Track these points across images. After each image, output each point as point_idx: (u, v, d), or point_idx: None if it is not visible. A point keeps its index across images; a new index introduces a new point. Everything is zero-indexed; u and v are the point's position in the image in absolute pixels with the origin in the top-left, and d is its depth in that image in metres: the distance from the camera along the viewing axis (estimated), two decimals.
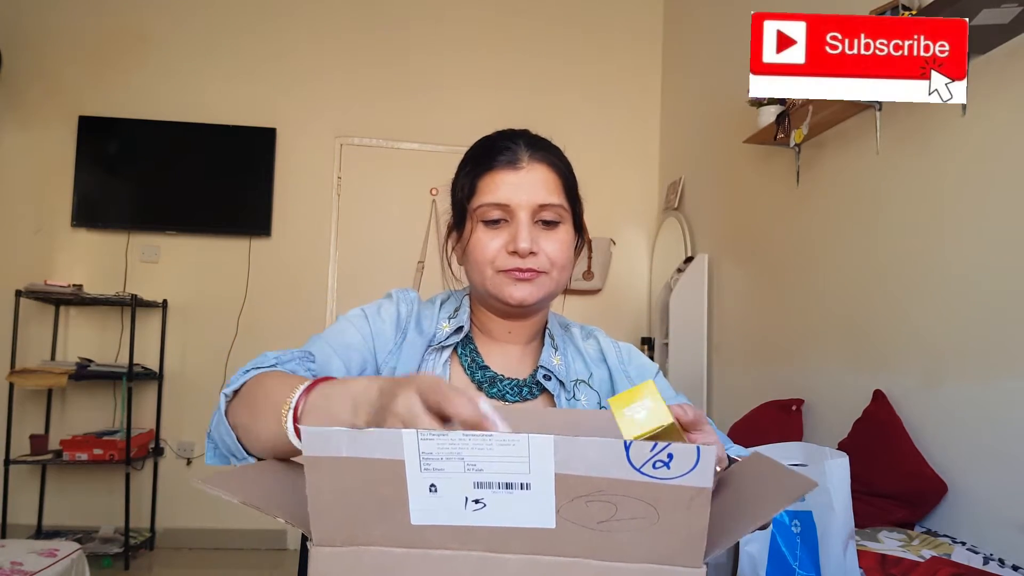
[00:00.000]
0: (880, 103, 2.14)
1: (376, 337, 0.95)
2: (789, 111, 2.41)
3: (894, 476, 1.82)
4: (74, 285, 3.46)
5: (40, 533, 3.51)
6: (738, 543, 0.71)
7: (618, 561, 0.47)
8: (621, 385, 0.99)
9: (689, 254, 3.53)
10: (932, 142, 1.94)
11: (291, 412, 0.65)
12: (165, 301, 3.71)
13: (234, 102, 3.86)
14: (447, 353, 0.96)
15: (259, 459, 0.74)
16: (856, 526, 1.39)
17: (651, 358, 3.71)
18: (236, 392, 0.76)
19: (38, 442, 3.45)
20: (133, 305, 3.46)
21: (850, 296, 2.28)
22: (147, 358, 3.68)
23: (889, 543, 1.57)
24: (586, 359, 1.01)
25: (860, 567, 1.15)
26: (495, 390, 0.95)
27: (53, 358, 3.60)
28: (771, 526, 0.72)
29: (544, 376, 0.95)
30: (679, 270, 3.47)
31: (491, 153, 0.92)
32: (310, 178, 3.90)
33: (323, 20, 3.98)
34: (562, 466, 0.44)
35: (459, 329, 0.97)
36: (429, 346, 0.96)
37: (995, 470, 1.66)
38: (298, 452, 0.66)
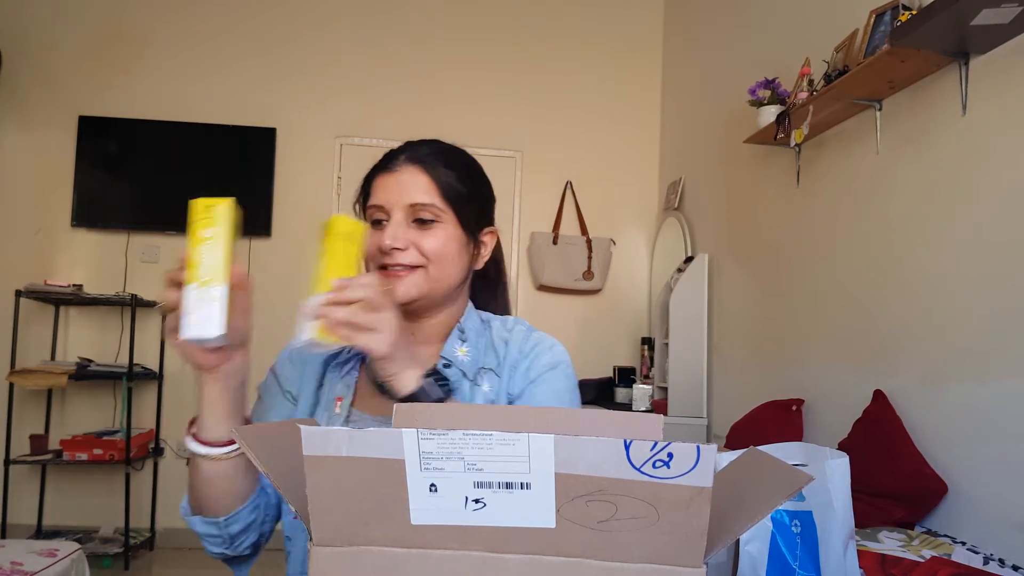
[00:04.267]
0: (880, 103, 2.14)
1: (282, 380, 1.01)
2: (789, 111, 2.41)
3: (894, 476, 1.82)
4: (74, 285, 3.46)
5: (40, 533, 3.51)
6: (738, 542, 0.71)
7: (618, 561, 0.47)
8: (504, 373, 0.97)
9: (689, 254, 3.53)
10: (932, 142, 1.94)
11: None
12: None
13: (234, 102, 3.86)
14: (349, 365, 0.99)
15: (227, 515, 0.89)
16: (856, 526, 1.39)
17: (651, 359, 3.73)
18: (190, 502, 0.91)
19: (38, 442, 3.45)
20: (133, 305, 3.46)
21: (850, 296, 2.28)
22: (147, 358, 3.68)
23: (889, 543, 1.57)
24: (497, 350, 1.00)
25: (860, 567, 1.15)
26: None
27: (53, 358, 3.61)
28: (770, 524, 0.72)
29: (444, 365, 0.96)
30: (679, 270, 3.47)
31: (379, 161, 1.00)
32: (310, 178, 3.90)
33: (323, 21, 3.99)
34: (562, 465, 0.44)
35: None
36: (330, 362, 0.99)
37: (995, 470, 1.66)
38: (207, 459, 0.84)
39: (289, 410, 0.99)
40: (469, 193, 0.99)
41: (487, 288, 1.09)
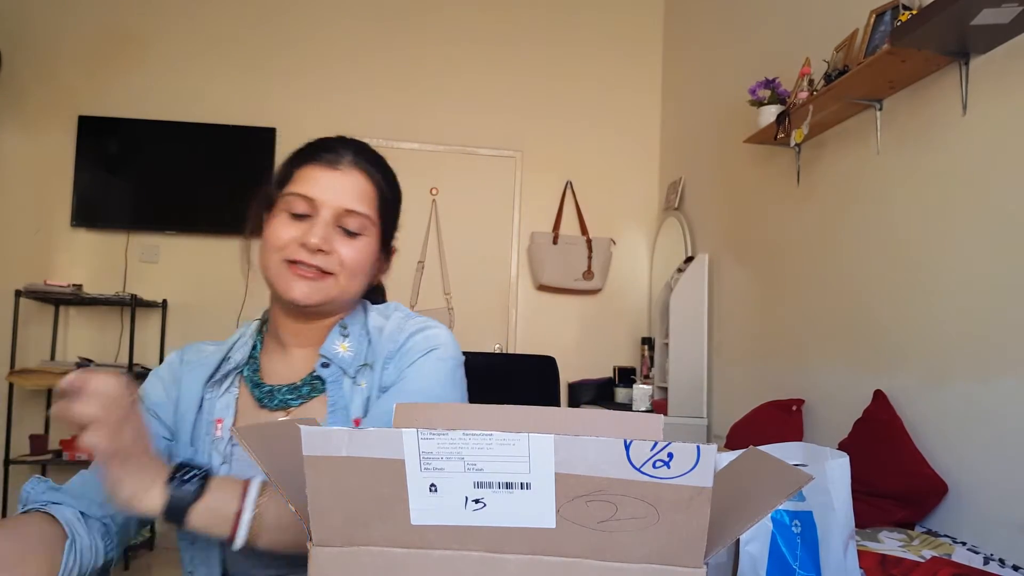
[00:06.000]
0: (880, 103, 2.14)
1: (157, 406, 0.95)
2: (789, 111, 2.41)
3: (894, 476, 1.82)
4: (74, 285, 3.46)
5: None
6: (738, 542, 0.71)
7: (618, 561, 0.47)
8: (377, 365, 0.92)
9: (689, 254, 3.53)
10: (932, 142, 1.94)
11: None
12: (165, 301, 3.71)
13: (234, 102, 3.86)
14: (229, 381, 0.94)
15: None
16: (856, 526, 1.39)
17: (651, 359, 3.73)
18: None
19: (38, 442, 3.45)
20: (133, 305, 3.46)
21: (850, 296, 2.28)
22: (147, 358, 3.67)
23: (889, 543, 1.57)
24: (372, 340, 0.95)
25: (860, 567, 1.15)
26: (275, 402, 0.91)
27: (53, 358, 3.60)
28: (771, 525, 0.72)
29: (323, 365, 0.91)
30: (679, 270, 3.47)
31: (316, 149, 0.93)
32: None
33: (324, 20, 3.98)
34: (562, 466, 0.44)
35: (229, 358, 0.95)
36: (208, 381, 0.94)
37: (995, 470, 1.66)
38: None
39: (153, 426, 0.93)
40: (394, 204, 0.97)
41: (367, 293, 1.03)
